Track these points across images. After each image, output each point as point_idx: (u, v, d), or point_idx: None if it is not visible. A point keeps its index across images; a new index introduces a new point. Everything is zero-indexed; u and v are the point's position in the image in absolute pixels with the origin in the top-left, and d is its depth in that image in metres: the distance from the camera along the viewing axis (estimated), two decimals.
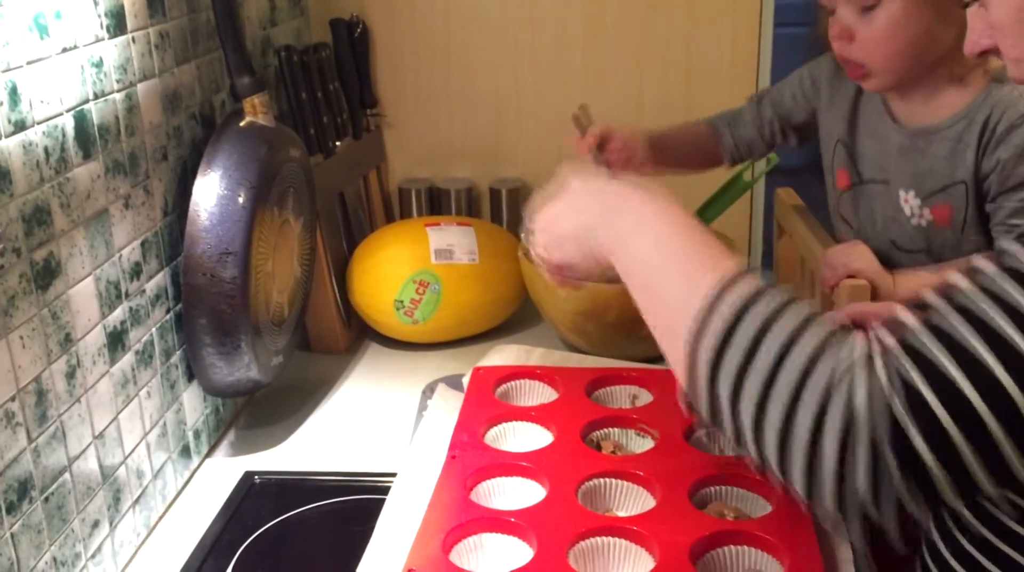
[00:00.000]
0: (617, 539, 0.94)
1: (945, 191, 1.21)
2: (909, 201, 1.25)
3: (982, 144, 1.17)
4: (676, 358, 0.74)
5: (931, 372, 0.63)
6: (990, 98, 1.17)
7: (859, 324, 1.05)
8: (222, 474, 1.20)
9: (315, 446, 1.27)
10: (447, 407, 1.21)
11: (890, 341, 0.66)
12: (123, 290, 1.02)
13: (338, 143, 1.58)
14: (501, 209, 1.75)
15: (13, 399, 0.83)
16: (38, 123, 0.86)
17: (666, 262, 0.79)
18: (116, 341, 1.01)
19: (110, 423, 0.99)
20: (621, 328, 1.39)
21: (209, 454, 1.25)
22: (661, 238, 0.80)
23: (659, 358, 1.43)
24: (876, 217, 1.31)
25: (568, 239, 0.90)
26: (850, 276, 1.25)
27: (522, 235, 1.00)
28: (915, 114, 1.25)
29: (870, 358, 0.65)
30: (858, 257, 1.25)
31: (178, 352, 1.15)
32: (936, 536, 0.89)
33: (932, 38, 1.17)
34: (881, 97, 1.29)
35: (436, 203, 1.76)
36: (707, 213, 1.53)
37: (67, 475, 0.91)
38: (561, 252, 0.91)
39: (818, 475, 0.65)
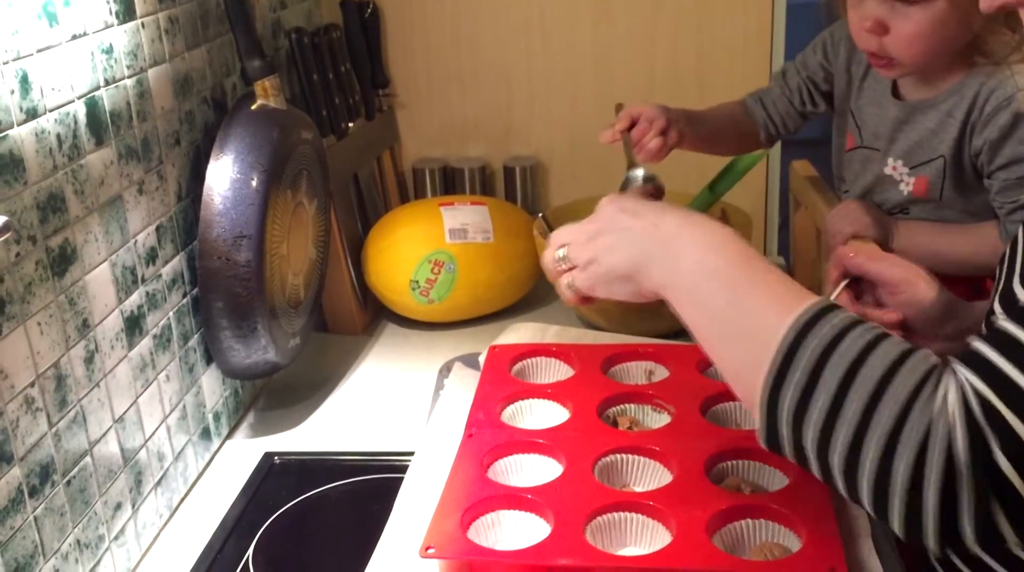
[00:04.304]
0: (634, 514, 0.95)
1: (928, 163, 1.24)
2: (897, 168, 1.28)
3: (969, 122, 1.19)
4: (751, 403, 0.72)
5: None
6: (981, 75, 1.18)
7: (870, 283, 1.05)
8: (242, 455, 1.21)
9: (334, 426, 1.28)
10: (463, 386, 1.22)
11: (980, 386, 0.65)
12: (139, 275, 1.03)
13: (351, 124, 1.58)
14: (515, 187, 1.75)
15: (33, 385, 0.84)
16: (50, 111, 0.86)
17: (732, 304, 0.75)
18: (134, 326, 1.01)
19: (130, 407, 1.00)
20: (641, 304, 1.38)
21: (229, 436, 1.26)
22: (725, 277, 0.76)
23: (675, 333, 1.44)
24: (865, 179, 1.34)
25: (618, 279, 0.85)
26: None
27: (550, 261, 0.92)
28: (917, 88, 1.26)
29: (966, 405, 0.64)
30: (851, 220, 1.28)
31: (196, 336, 1.16)
32: None
33: (966, 32, 1.16)
34: None
35: (450, 182, 1.77)
36: (717, 187, 1.52)
37: (88, 459, 0.92)
38: (608, 290, 0.86)
39: (920, 520, 0.64)
